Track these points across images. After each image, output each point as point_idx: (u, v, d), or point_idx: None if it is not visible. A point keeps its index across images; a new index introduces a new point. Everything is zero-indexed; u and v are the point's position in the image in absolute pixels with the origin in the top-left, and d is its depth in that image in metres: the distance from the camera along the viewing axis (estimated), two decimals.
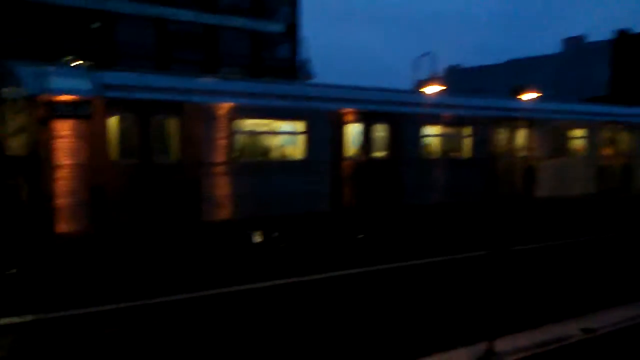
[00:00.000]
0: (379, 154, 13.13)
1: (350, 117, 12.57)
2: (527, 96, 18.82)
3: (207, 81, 11.71)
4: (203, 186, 10.80)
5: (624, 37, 41.36)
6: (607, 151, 17.65)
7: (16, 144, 9.69)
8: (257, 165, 11.67)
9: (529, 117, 15.58)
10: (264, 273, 10.90)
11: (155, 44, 49.27)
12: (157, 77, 11.10)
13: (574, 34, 54.42)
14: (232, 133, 11.11)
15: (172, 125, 10.62)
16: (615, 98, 22.32)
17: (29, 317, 8.19)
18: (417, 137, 13.50)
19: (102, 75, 10.10)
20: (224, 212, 11.05)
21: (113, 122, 10.13)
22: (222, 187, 11.03)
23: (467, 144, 14.67)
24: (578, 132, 16.85)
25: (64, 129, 9.36)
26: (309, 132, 12.00)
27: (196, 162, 10.70)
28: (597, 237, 15.49)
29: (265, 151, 12.56)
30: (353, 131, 12.98)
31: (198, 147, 10.70)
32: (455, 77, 49.97)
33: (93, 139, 9.62)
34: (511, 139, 15.38)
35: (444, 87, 15.85)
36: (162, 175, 10.40)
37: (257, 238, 12.13)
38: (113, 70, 10.85)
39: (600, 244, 14.93)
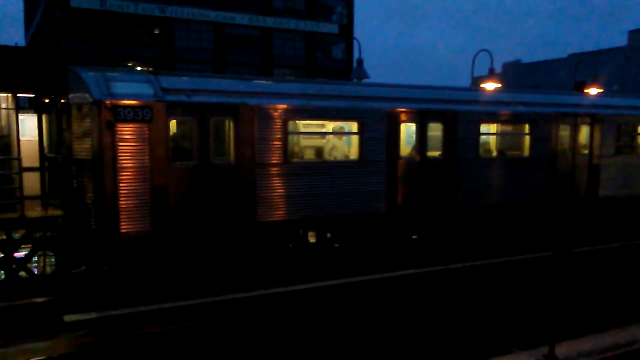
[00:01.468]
0: (434, 153, 12.96)
1: (404, 116, 12.47)
2: (590, 91, 18.07)
3: (261, 83, 11.91)
4: (258, 187, 10.98)
5: None
6: None
7: (82, 147, 10.17)
8: (311, 166, 11.76)
9: (592, 113, 14.95)
10: (317, 273, 10.99)
11: (213, 47, 50.58)
12: (213, 80, 11.36)
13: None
14: (286, 134, 11.25)
15: (229, 127, 10.86)
16: None
17: (93, 314, 8.60)
18: (473, 135, 13.22)
19: (162, 80, 10.45)
20: (278, 213, 11.20)
21: (173, 125, 10.47)
22: (276, 187, 11.19)
23: (526, 142, 14.24)
24: None
25: (127, 133, 9.74)
26: (363, 132, 11.99)
27: (251, 163, 10.90)
28: None
29: (319, 152, 12.65)
30: (408, 130, 12.87)
31: (253, 148, 10.89)
32: (515, 73, 48.58)
33: (154, 142, 9.97)
34: (573, 136, 14.81)
35: (502, 84, 15.39)
36: (219, 176, 10.66)
37: (311, 239, 12.23)
38: (172, 74, 11.20)
39: None
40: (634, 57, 41.27)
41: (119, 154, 9.68)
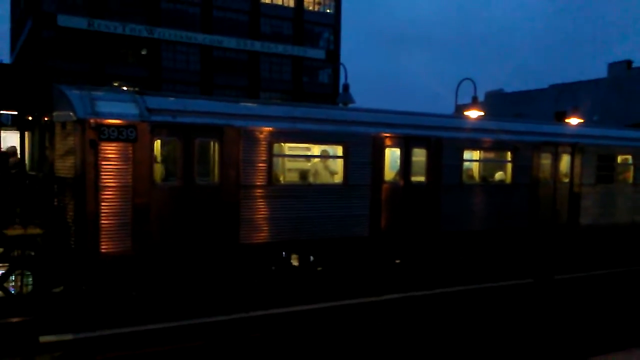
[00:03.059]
0: (418, 178, 13.05)
1: (389, 142, 12.58)
2: (571, 121, 18.44)
3: (247, 105, 11.94)
4: (242, 208, 10.94)
5: None
6: None
7: (64, 166, 10.07)
8: (296, 189, 11.76)
9: (573, 143, 15.22)
10: (299, 296, 10.91)
11: (200, 69, 50.82)
12: (199, 101, 11.38)
13: (620, 58, 53.13)
14: (271, 156, 11.26)
15: (213, 148, 10.85)
16: None
17: (69, 336, 8.41)
18: (456, 161, 13.35)
19: (148, 100, 10.44)
20: (262, 235, 11.14)
21: (157, 145, 10.43)
22: (260, 210, 11.15)
23: (509, 169, 14.41)
24: (625, 159, 16.35)
25: (110, 152, 9.68)
26: (348, 156, 12.05)
27: (236, 185, 10.87)
28: None
29: (304, 175, 12.67)
30: (392, 155, 12.96)
31: (238, 170, 10.88)
32: (497, 102, 49.32)
33: (138, 162, 9.90)
34: (554, 164, 15.03)
35: (484, 112, 15.66)
36: (202, 197, 10.60)
37: (294, 262, 12.17)
38: (158, 95, 11.20)
39: None
40: (613, 88, 42.25)
41: (102, 173, 9.60)
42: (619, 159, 16.21)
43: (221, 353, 8.40)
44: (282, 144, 11.91)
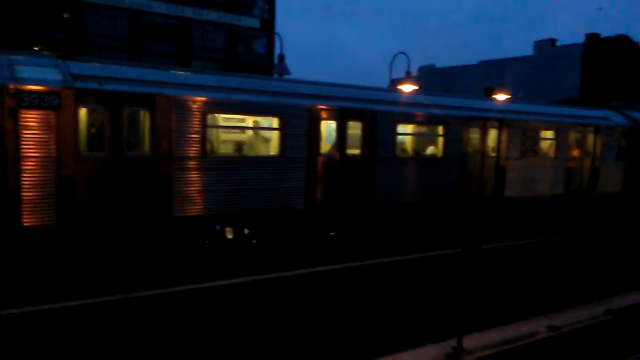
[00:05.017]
0: (353, 151, 13.16)
1: (325, 114, 12.56)
2: (499, 97, 19.09)
3: (180, 74, 11.54)
4: (174, 181, 10.66)
5: (594, 41, 42.36)
6: (576, 153, 18.04)
7: None
8: (230, 161, 11.56)
9: (500, 118, 15.80)
10: (232, 269, 10.83)
11: (128, 35, 48.53)
12: (128, 68, 10.88)
13: (546, 36, 55.46)
14: (205, 127, 10.99)
15: (144, 118, 10.45)
16: (585, 100, 22.81)
17: None
18: (390, 135, 13.55)
19: (71, 66, 9.88)
20: (195, 208, 10.94)
21: (83, 113, 9.92)
22: (193, 182, 10.91)
23: (440, 143, 14.80)
24: (548, 134, 17.16)
25: (31, 120, 9.12)
26: (284, 128, 11.95)
27: (168, 156, 10.56)
28: (563, 237, 15.84)
29: (239, 146, 12.47)
30: (328, 128, 12.98)
31: (170, 141, 10.55)
32: (429, 77, 50.43)
33: (62, 131, 9.40)
34: (483, 139, 15.57)
35: (417, 86, 15.91)
36: (132, 168, 10.24)
37: (228, 234, 12.03)
38: (83, 60, 10.59)
39: (565, 244, 15.28)
40: (538, 66, 44.10)
41: (23, 143, 9.05)
42: (543, 134, 16.99)
43: (147, 329, 8.22)
44: (217, 114, 11.64)
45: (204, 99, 10.90)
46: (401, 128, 14.11)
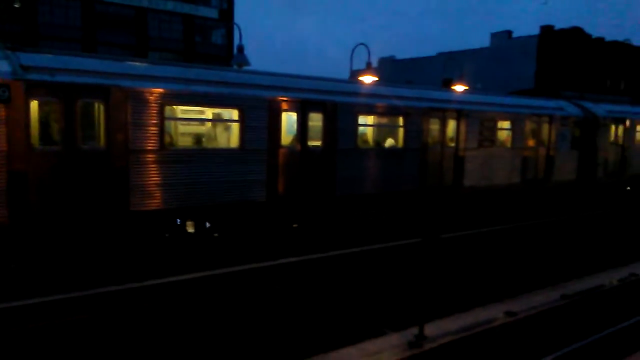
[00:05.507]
0: (314, 143, 13.13)
1: (286, 106, 12.48)
2: (457, 88, 19.38)
3: (136, 65, 11.24)
4: (132, 174, 10.41)
5: (548, 33, 43.44)
6: (532, 142, 18.49)
7: None
8: (190, 153, 11.37)
9: (459, 109, 16.04)
10: (194, 263, 10.69)
11: (81, 25, 47.04)
12: (82, 59, 10.52)
13: (502, 28, 56.65)
14: (163, 120, 10.76)
15: (99, 110, 10.15)
16: (540, 91, 23.40)
17: None
18: (352, 126, 13.58)
19: (22, 57, 9.50)
20: (154, 202, 10.72)
21: (35, 106, 9.56)
22: (152, 175, 10.68)
23: (401, 134, 14.92)
24: (504, 124, 17.52)
25: None
26: (245, 119, 11.81)
27: (124, 149, 10.30)
28: (520, 224, 16.24)
29: (199, 139, 12.27)
30: (289, 120, 12.90)
31: (126, 133, 10.29)
32: (390, 68, 50.82)
33: (12, 124, 9.05)
34: (442, 129, 15.78)
35: (377, 78, 15.99)
36: (87, 162, 9.94)
37: (189, 228, 11.86)
38: (34, 51, 10.20)
39: (522, 232, 15.68)
40: (494, 57, 44.98)
41: None
42: (500, 124, 17.33)
43: (109, 326, 8.04)
44: (175, 106, 11.41)
45: (161, 90, 10.66)
46: (362, 119, 14.15)
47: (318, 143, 13.18)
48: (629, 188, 22.26)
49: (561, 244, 14.79)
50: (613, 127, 21.20)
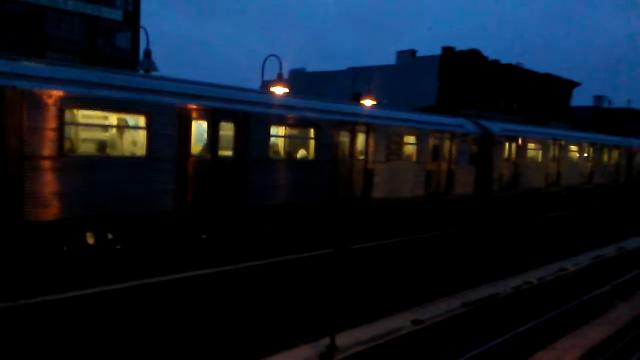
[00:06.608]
0: (225, 152, 12.90)
1: (196, 114, 12.17)
2: (366, 102, 19.91)
3: (33, 65, 10.46)
4: (26, 182, 9.66)
5: (449, 54, 45.88)
6: (435, 157, 19.33)
7: None
8: (91, 161, 10.75)
9: (368, 123, 16.45)
10: (92, 277, 10.07)
11: None
12: None
13: (406, 47, 59.24)
14: (62, 124, 10.10)
15: None
16: (442, 108, 24.59)
17: None
18: (263, 137, 13.49)
19: None
20: (51, 212, 10.00)
21: None
22: (49, 183, 9.97)
23: (312, 146, 15.04)
24: (410, 139, 18.19)
25: None
26: (152, 126, 11.37)
27: (18, 155, 9.54)
28: (424, 236, 16.88)
29: (102, 146, 11.64)
30: (199, 128, 12.59)
31: (21, 138, 9.55)
32: (300, 80, 51.26)
33: None
34: (352, 142, 16.10)
35: (288, 90, 16.07)
36: None
37: (89, 240, 11.17)
38: None
39: (425, 243, 16.30)
40: (399, 74, 46.77)
41: None
42: (406, 139, 17.98)
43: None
44: (76, 110, 10.76)
45: (61, 93, 10.02)
46: (274, 130, 14.12)
47: (229, 153, 12.96)
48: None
49: (462, 253, 15.54)
50: (507, 145, 22.70)
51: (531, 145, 24.42)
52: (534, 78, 53.91)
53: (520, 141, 23.35)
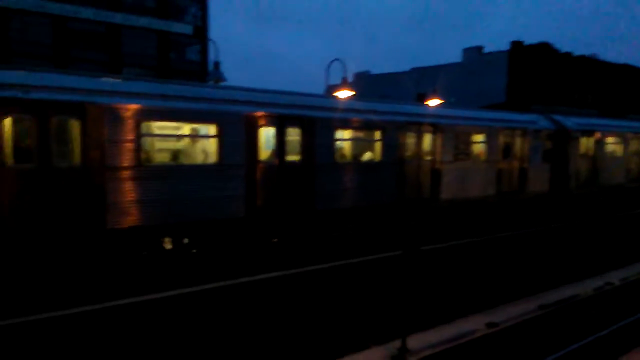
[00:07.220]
0: (292, 157, 13.12)
1: (263, 121, 12.47)
2: (431, 102, 19.64)
3: (111, 81, 11.12)
4: (108, 192, 10.26)
5: (518, 48, 44.45)
6: (506, 155, 18.77)
7: None
8: (167, 170, 11.26)
9: (434, 123, 16.23)
10: (171, 280, 10.52)
11: (53, 42, 46.42)
12: (55, 75, 10.38)
13: (474, 44, 57.91)
14: (139, 136, 10.65)
15: (73, 127, 10.00)
16: (511, 104, 23.83)
17: None
18: (329, 141, 13.63)
19: None
20: (131, 219, 10.56)
21: (7, 122, 9.38)
22: (128, 192, 10.54)
23: (378, 148, 15.02)
24: (479, 137, 17.78)
25: None
26: (222, 135, 11.77)
27: (100, 167, 10.15)
28: (497, 236, 16.40)
29: (176, 155, 12.17)
30: (267, 135, 12.89)
31: (103, 150, 10.16)
32: (364, 83, 51.28)
33: None
34: (418, 143, 15.94)
35: (354, 92, 16.12)
36: (62, 180, 9.76)
37: (167, 245, 11.69)
38: (6, 68, 10.03)
39: (498, 243, 15.84)
40: (466, 72, 45.80)
41: None
42: (474, 137, 17.59)
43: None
44: (152, 122, 11.31)
45: (137, 106, 10.57)
46: (340, 134, 14.22)
47: (296, 158, 13.18)
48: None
49: (538, 254, 14.99)
50: (583, 139, 21.70)
51: (609, 140, 23.20)
52: (610, 69, 51.23)
53: (597, 135, 22.26)
